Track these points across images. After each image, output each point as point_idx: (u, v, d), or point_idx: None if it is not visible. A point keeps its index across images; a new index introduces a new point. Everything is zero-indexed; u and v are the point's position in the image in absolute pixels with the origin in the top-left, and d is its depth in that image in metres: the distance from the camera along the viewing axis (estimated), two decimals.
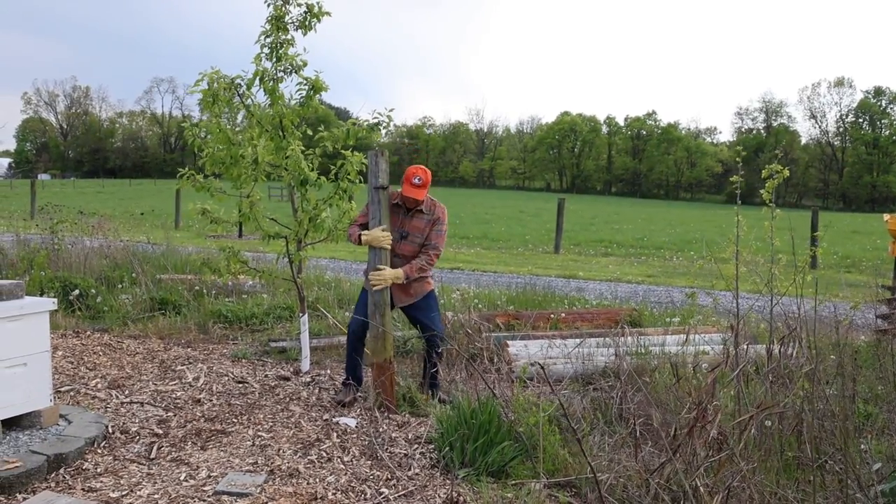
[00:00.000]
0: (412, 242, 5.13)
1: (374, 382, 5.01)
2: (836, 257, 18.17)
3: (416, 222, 5.13)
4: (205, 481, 3.75)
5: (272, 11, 5.71)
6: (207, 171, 5.85)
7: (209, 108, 5.59)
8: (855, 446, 2.94)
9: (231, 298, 8.38)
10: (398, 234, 5.12)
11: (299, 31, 5.83)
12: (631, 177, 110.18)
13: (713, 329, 6.53)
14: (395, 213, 5.16)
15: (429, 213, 5.15)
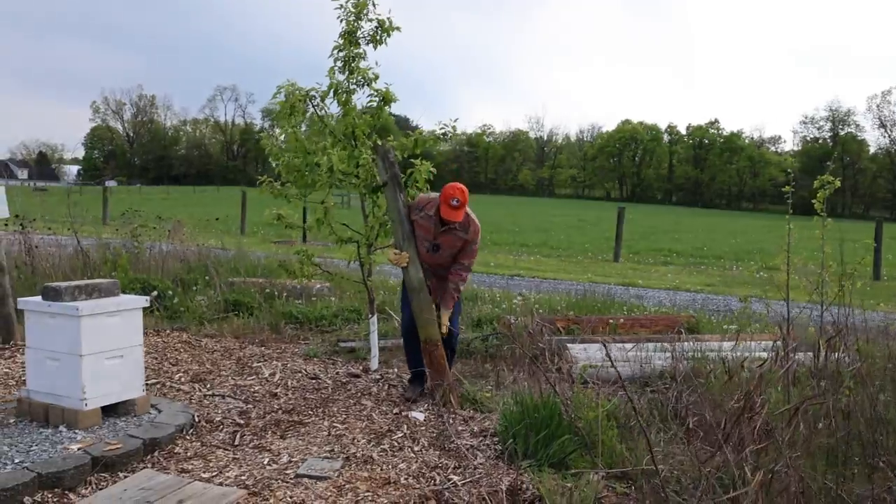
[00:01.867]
0: (442, 255, 5.33)
1: (426, 363, 5.33)
2: None
3: (450, 237, 5.27)
4: (286, 465, 4.07)
5: (345, 27, 6.05)
6: (283, 178, 6.21)
7: (286, 119, 5.95)
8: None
9: (300, 301, 8.77)
10: (430, 245, 5.32)
11: (370, 45, 6.15)
12: (692, 186, 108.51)
13: (769, 337, 6.63)
14: (429, 224, 5.29)
15: (463, 229, 5.28)
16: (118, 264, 8.62)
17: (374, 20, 6.02)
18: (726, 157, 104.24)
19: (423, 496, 3.63)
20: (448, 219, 5.15)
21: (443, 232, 5.26)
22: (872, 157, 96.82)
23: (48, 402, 4.58)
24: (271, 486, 3.74)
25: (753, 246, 25.05)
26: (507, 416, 4.39)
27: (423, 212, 5.34)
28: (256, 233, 22.39)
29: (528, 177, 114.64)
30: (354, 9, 5.92)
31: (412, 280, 5.33)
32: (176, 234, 10.81)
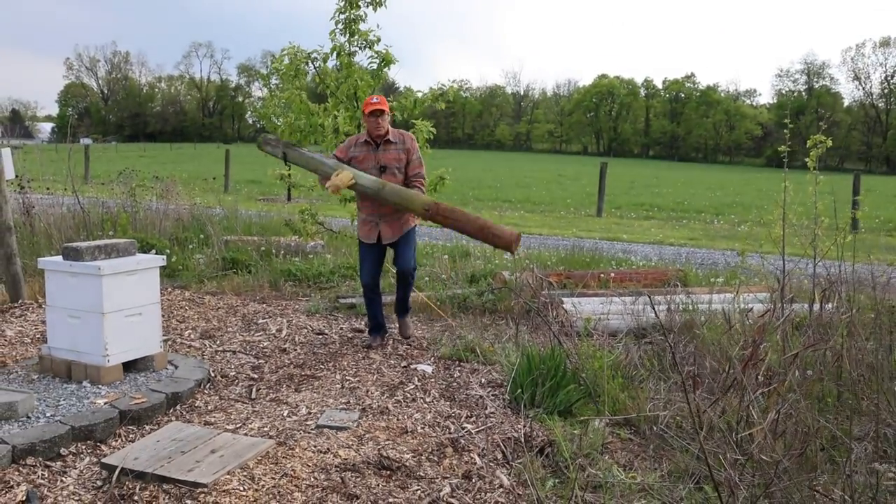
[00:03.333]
0: (392, 174, 5.46)
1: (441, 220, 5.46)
2: (877, 221, 18.22)
3: (391, 154, 5.47)
4: (306, 417, 4.27)
5: None
6: (285, 139, 6.32)
7: (290, 81, 6.05)
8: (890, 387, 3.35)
9: (297, 258, 8.91)
10: (376, 170, 5.43)
11: (370, 6, 6.24)
12: (669, 140, 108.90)
13: (757, 289, 6.89)
14: (366, 151, 5.49)
15: (399, 142, 5.49)
16: (118, 224, 8.69)
17: None
18: (702, 111, 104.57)
19: (440, 443, 3.85)
20: (374, 129, 5.38)
21: (382, 153, 5.46)
22: (847, 110, 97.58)
23: (70, 358, 4.73)
24: (295, 436, 3.94)
25: (732, 199, 25.44)
26: (515, 367, 4.62)
27: (355, 147, 5.55)
28: (240, 190, 22.35)
29: (506, 132, 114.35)
30: None
31: (367, 185, 5.34)
32: (170, 193, 10.86)
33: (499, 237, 5.15)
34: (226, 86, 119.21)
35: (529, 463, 3.55)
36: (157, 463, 3.50)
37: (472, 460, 3.67)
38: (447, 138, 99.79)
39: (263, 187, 24.03)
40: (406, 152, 5.49)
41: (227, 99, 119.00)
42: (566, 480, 3.38)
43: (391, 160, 5.45)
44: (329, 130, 5.98)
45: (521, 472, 3.50)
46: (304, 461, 3.59)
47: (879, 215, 19.66)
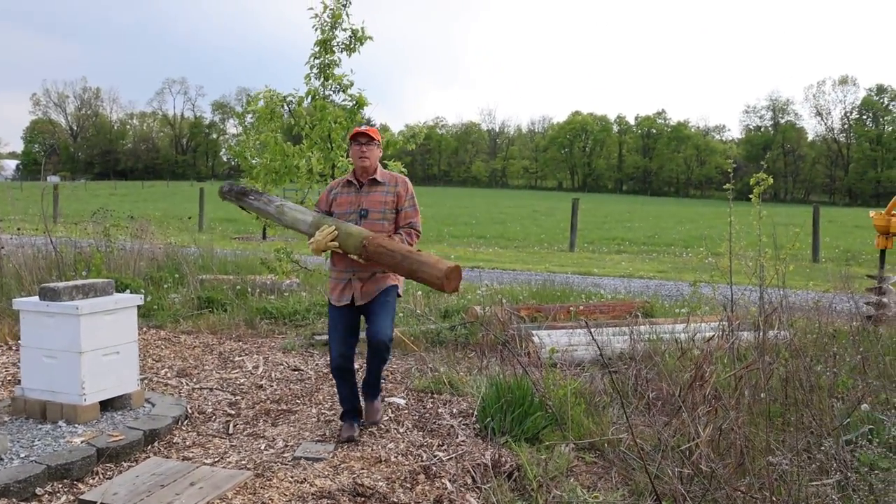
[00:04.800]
0: (375, 220, 4.47)
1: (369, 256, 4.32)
2: (837, 251, 18.68)
3: (377, 196, 4.52)
4: (283, 449, 4.40)
5: (320, 36, 6.37)
6: (261, 180, 6.51)
7: (266, 123, 6.26)
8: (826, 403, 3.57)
9: (273, 296, 9.04)
10: (356, 215, 4.49)
11: (344, 52, 6.49)
12: (642, 175, 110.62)
13: (716, 318, 7.14)
14: (348, 192, 4.58)
15: (389, 183, 4.57)
16: (92, 264, 8.78)
17: (348, 30, 6.36)
18: (674, 146, 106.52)
19: (413, 471, 4.00)
20: (359, 160, 4.49)
21: (366, 194, 4.53)
22: (811, 144, 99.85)
23: (45, 398, 4.81)
24: (272, 468, 4.07)
25: (702, 232, 25.91)
26: (485, 397, 4.79)
27: (336, 188, 4.67)
28: (215, 229, 22.43)
29: (482, 168, 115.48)
30: (330, 19, 6.25)
31: (352, 245, 4.29)
32: (143, 232, 10.97)
33: (427, 272, 4.12)
34: (200, 123, 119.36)
35: (498, 487, 3.71)
36: (137, 497, 3.61)
37: (444, 486, 3.83)
38: (423, 175, 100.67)
39: (238, 225, 24.13)
40: (397, 196, 4.53)
41: (201, 136, 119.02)
42: (533, 502, 3.54)
43: (376, 203, 4.48)
44: (303, 171, 6.17)
45: (490, 495, 3.66)
46: (281, 491, 3.72)
47: (840, 245, 20.16)
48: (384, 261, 4.17)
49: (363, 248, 4.17)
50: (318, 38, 6.28)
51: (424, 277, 4.10)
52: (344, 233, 4.25)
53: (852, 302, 7.00)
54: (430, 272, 4.05)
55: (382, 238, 4.23)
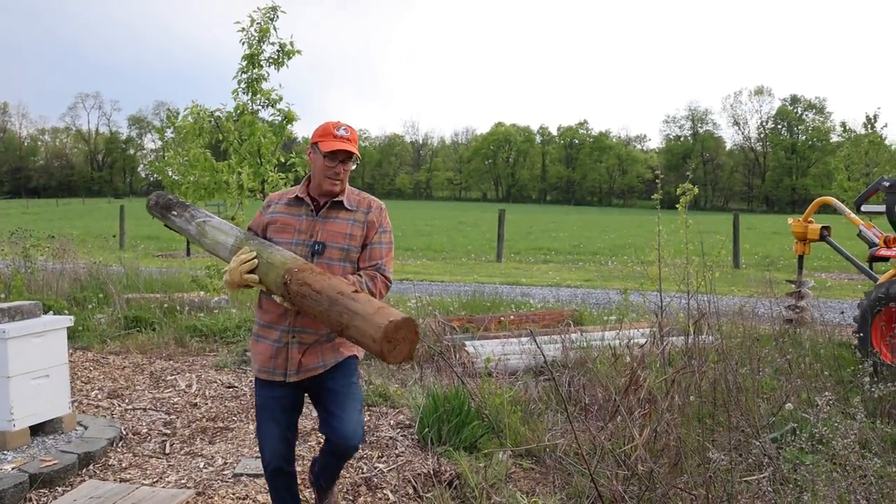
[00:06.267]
0: (334, 260, 3.03)
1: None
2: (757, 257, 19.49)
3: (338, 225, 3.07)
4: (222, 467, 4.38)
5: (247, 50, 6.37)
6: (190, 196, 6.45)
7: (194, 140, 6.21)
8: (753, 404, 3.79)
9: (202, 314, 8.92)
10: (305, 248, 3.03)
11: (272, 66, 6.51)
12: (565, 185, 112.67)
13: (645, 324, 7.40)
14: (296, 213, 3.11)
15: (357, 208, 3.13)
16: (13, 286, 8.50)
17: (276, 44, 6.38)
18: (596, 156, 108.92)
19: (355, 483, 4.06)
20: (329, 182, 3.03)
21: (324, 220, 3.07)
22: (729, 153, 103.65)
23: None
24: (213, 485, 4.06)
25: (626, 241, 26.63)
26: (422, 408, 4.87)
27: (277, 205, 3.18)
28: (137, 246, 21.86)
29: (406, 181, 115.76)
30: (258, 33, 6.26)
31: (271, 265, 2.86)
32: (65, 252, 10.66)
33: (358, 328, 2.58)
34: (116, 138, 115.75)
35: (440, 495, 3.79)
36: None
37: (386, 496, 3.89)
38: None
39: (161, 243, 23.58)
40: (367, 227, 3.11)
41: (118, 152, 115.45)
42: None
43: (337, 235, 3.05)
44: (234, 187, 6.15)
45: (432, 502, 3.74)
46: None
47: (759, 251, 21.03)
48: (308, 307, 2.71)
49: (284, 286, 2.74)
50: (246, 52, 6.28)
51: (355, 335, 2.59)
52: (265, 262, 2.84)
53: (774, 306, 7.37)
54: (363, 328, 2.54)
55: (314, 272, 2.73)
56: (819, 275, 15.16)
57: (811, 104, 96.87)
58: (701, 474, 2.85)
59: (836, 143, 56.75)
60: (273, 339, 3.07)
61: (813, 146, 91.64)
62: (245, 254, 2.89)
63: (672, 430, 3.22)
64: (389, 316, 2.52)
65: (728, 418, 3.94)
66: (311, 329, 3.03)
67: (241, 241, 3.04)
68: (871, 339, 6.32)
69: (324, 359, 3.09)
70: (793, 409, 4.47)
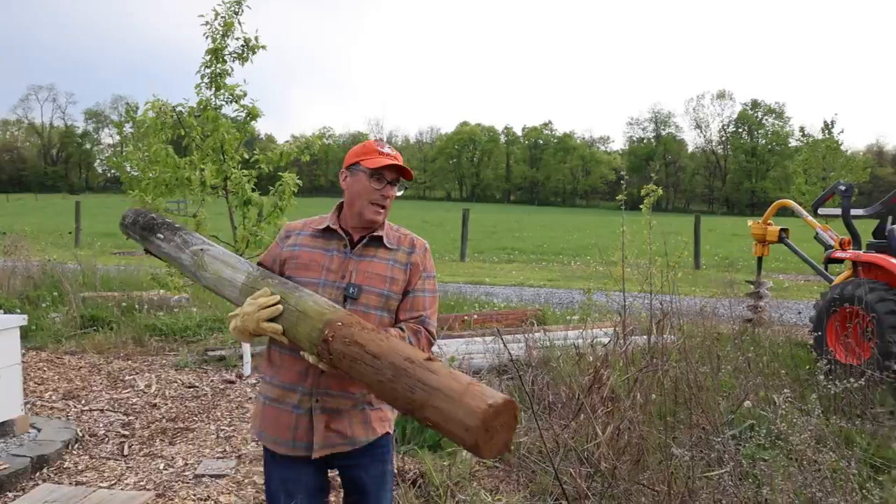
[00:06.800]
0: (371, 308, 2.44)
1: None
2: (717, 258, 19.78)
3: (376, 265, 2.49)
4: (183, 468, 4.31)
5: (211, 44, 6.26)
6: (150, 193, 6.32)
7: (155, 135, 6.09)
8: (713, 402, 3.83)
9: (162, 312, 8.77)
10: (337, 291, 2.43)
11: (237, 61, 6.41)
12: (529, 185, 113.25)
13: (608, 324, 7.46)
14: (328, 244, 2.51)
15: (397, 247, 2.56)
16: None
17: (240, 38, 6.28)
18: (560, 157, 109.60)
19: None
20: (372, 211, 2.49)
21: (360, 259, 2.49)
22: (691, 156, 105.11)
23: None
24: (173, 487, 3.99)
25: (589, 241, 26.85)
26: None
27: (300, 235, 2.56)
28: (94, 244, 21.45)
29: None
30: (222, 27, 6.15)
31: (304, 314, 2.24)
32: (16, 248, 10.41)
33: (443, 412, 1.90)
34: (71, 132, 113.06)
35: (404, 494, 3.77)
36: None
37: None
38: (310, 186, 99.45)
39: (118, 240, 23.10)
40: (410, 271, 2.53)
41: (74, 146, 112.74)
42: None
43: (376, 278, 2.47)
44: (196, 184, 6.04)
45: (398, 502, 3.71)
46: None
47: (719, 252, 21.35)
48: (359, 374, 2.09)
49: (323, 343, 2.13)
50: (210, 46, 6.16)
51: (435, 419, 1.92)
52: (293, 309, 2.26)
53: (733, 306, 7.48)
54: (449, 412, 1.89)
55: (364, 328, 2.15)
56: (777, 276, 15.44)
57: (771, 109, 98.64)
58: (662, 471, 2.87)
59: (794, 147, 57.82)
60: (292, 403, 2.39)
61: (772, 150, 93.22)
62: (265, 297, 2.28)
63: (634, 428, 3.25)
64: (486, 396, 1.86)
65: (689, 416, 3.98)
66: (338, 391, 2.38)
67: (256, 280, 2.42)
68: (826, 338, 6.45)
69: (353, 432, 2.41)
70: (751, 407, 4.53)
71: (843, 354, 6.26)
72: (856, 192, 7.70)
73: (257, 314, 2.26)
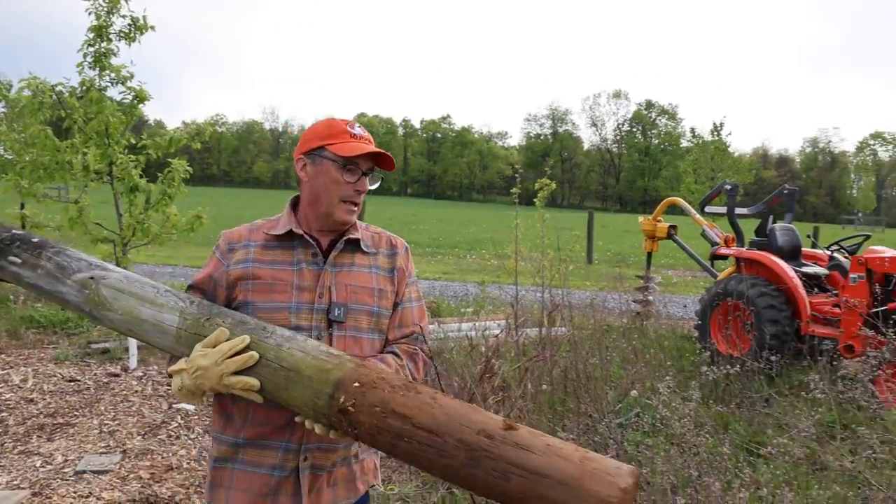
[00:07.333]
0: (362, 331, 1.94)
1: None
2: (609, 253, 20.44)
3: (358, 276, 1.98)
4: (62, 465, 4.12)
5: (95, 21, 5.98)
6: (26, 177, 5.98)
7: (33, 115, 5.77)
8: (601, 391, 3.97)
9: (40, 304, 8.34)
10: (318, 317, 1.89)
11: (123, 41, 6.14)
12: (426, 178, 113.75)
13: (501, 316, 7.59)
14: (292, 255, 1.94)
15: (376, 249, 2.06)
16: None
17: (127, 17, 6.02)
18: (458, 151, 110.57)
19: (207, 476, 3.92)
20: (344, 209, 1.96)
21: (338, 269, 1.95)
22: (587, 153, 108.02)
23: None
24: (51, 485, 3.80)
25: (484, 235, 27.22)
26: None
27: (250, 246, 1.97)
28: None
29: (264, 169, 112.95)
30: (107, 3, 5.89)
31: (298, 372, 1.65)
32: None
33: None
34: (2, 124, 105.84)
35: None
36: None
37: None
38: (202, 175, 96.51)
39: None
40: (397, 279, 2.05)
41: None
42: None
43: (362, 292, 1.96)
44: (78, 168, 5.76)
45: None
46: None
47: (611, 248, 22.07)
48: (409, 455, 1.56)
49: (341, 415, 1.59)
50: (94, 23, 5.88)
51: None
52: (275, 365, 1.67)
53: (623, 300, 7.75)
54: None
55: (390, 384, 1.60)
56: (666, 271, 16.11)
57: (664, 110, 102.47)
58: None
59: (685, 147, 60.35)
60: (268, 465, 1.83)
61: (665, 150, 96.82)
62: (231, 341, 1.68)
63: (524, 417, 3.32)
64: (613, 476, 1.44)
65: (578, 405, 4.11)
66: (329, 442, 1.84)
67: (199, 323, 1.75)
68: (709, 330, 6.79)
69: (335, 496, 1.91)
70: (637, 396, 4.72)
71: (724, 346, 6.61)
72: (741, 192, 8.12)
73: (220, 367, 1.65)
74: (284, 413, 1.76)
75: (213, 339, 1.70)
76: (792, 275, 6.50)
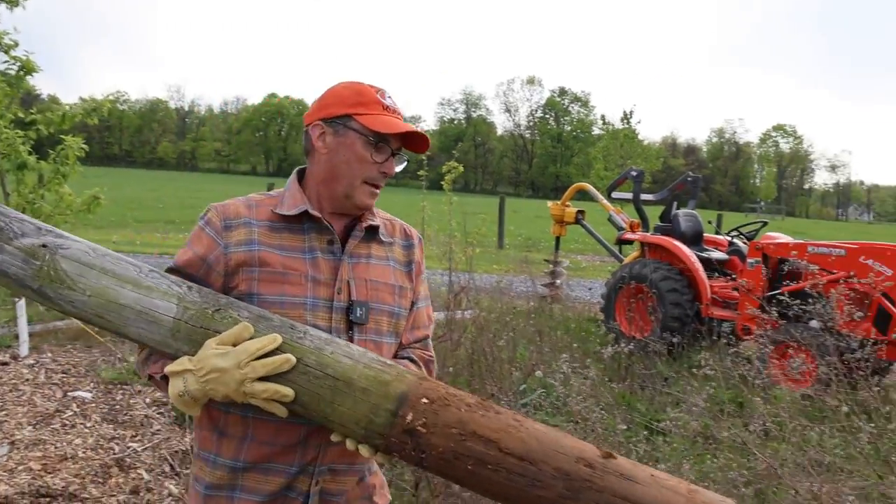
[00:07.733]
0: (383, 334, 1.67)
1: None
2: (520, 238, 20.72)
3: (375, 269, 1.69)
4: None
5: None
6: None
7: None
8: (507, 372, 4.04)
9: None
10: (337, 316, 1.59)
11: (4, 5, 5.80)
12: None
13: None
14: (297, 245, 1.62)
15: (392, 239, 1.81)
16: None
17: None
18: None
19: (105, 465, 3.79)
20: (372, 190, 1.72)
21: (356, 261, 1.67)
22: (500, 139, 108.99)
23: None
24: None
25: None
26: None
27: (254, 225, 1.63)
28: None
29: (169, 149, 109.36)
30: None
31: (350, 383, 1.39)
32: None
33: None
34: None
35: None
36: None
37: (140, 476, 3.69)
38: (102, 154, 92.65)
39: None
40: (412, 272, 1.79)
41: None
42: None
43: (382, 288, 1.69)
44: None
45: None
46: None
47: (522, 233, 22.40)
48: (491, 486, 1.35)
49: (406, 436, 1.35)
50: None
51: None
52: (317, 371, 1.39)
53: (530, 283, 7.89)
54: None
55: (465, 402, 1.38)
56: (575, 256, 16.46)
57: (577, 97, 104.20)
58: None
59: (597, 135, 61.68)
60: (269, 490, 1.56)
61: (577, 137, 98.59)
62: (259, 340, 1.39)
63: None
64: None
65: (483, 386, 4.17)
66: (344, 463, 1.62)
67: (206, 311, 1.45)
68: (614, 313, 7.00)
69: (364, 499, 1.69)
70: (542, 377, 4.83)
71: (627, 327, 6.83)
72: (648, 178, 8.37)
73: (243, 370, 1.36)
74: (296, 430, 1.52)
75: (234, 336, 1.39)
76: (694, 259, 6.76)
